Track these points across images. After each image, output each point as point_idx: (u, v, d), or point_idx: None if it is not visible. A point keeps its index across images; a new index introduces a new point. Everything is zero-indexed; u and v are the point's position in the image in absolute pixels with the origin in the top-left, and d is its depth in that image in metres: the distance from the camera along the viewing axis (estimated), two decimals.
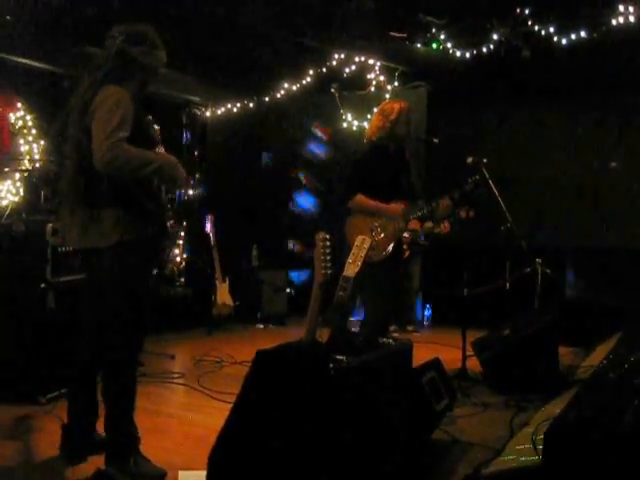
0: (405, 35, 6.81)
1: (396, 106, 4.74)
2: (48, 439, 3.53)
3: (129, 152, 2.92)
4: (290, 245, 8.90)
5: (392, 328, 7.08)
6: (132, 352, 3.21)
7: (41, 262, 4.38)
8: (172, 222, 4.01)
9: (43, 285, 4.35)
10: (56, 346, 4.22)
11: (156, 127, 3.61)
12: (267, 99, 8.38)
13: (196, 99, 8.65)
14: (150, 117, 3.35)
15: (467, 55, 6.82)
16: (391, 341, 3.34)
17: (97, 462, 3.15)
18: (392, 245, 4.57)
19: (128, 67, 3.12)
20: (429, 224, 6.37)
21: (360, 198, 4.58)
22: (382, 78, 7.77)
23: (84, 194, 3.07)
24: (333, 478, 2.48)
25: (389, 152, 4.74)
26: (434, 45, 6.75)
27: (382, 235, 4.53)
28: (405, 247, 5.33)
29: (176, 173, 3.19)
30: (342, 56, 7.53)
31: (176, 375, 5.24)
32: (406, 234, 5.16)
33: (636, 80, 6.70)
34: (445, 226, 6.35)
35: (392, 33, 6.81)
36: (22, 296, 4.39)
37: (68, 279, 4.42)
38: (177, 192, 3.42)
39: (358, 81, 7.90)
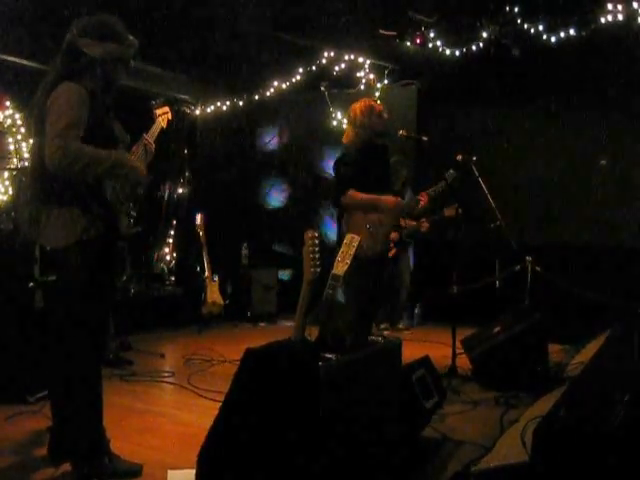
0: (395, 33, 6.82)
1: (355, 106, 4.57)
2: (35, 439, 3.52)
3: (78, 151, 2.81)
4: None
5: (383, 326, 7.09)
6: (90, 354, 3.08)
7: (29, 261, 4.36)
8: (139, 228, 3.87)
9: (31, 284, 4.33)
10: (44, 345, 4.18)
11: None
12: (257, 97, 8.37)
13: (185, 97, 8.63)
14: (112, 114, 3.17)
15: (457, 53, 6.83)
16: (380, 339, 3.34)
17: None
18: (386, 242, 4.54)
19: (80, 61, 2.99)
20: (412, 223, 6.52)
21: (353, 193, 4.43)
22: (372, 76, 7.78)
23: (40, 192, 3.00)
24: (323, 476, 2.48)
25: (377, 150, 4.69)
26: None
27: (378, 231, 4.43)
28: (391, 245, 5.35)
29: (130, 172, 3.05)
30: (332, 54, 7.53)
31: (166, 374, 5.22)
32: (393, 233, 5.19)
33: (625, 77, 6.73)
34: (424, 225, 6.58)
35: (382, 31, 6.81)
36: (10, 295, 4.36)
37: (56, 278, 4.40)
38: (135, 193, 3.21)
39: (348, 79, 7.90)
